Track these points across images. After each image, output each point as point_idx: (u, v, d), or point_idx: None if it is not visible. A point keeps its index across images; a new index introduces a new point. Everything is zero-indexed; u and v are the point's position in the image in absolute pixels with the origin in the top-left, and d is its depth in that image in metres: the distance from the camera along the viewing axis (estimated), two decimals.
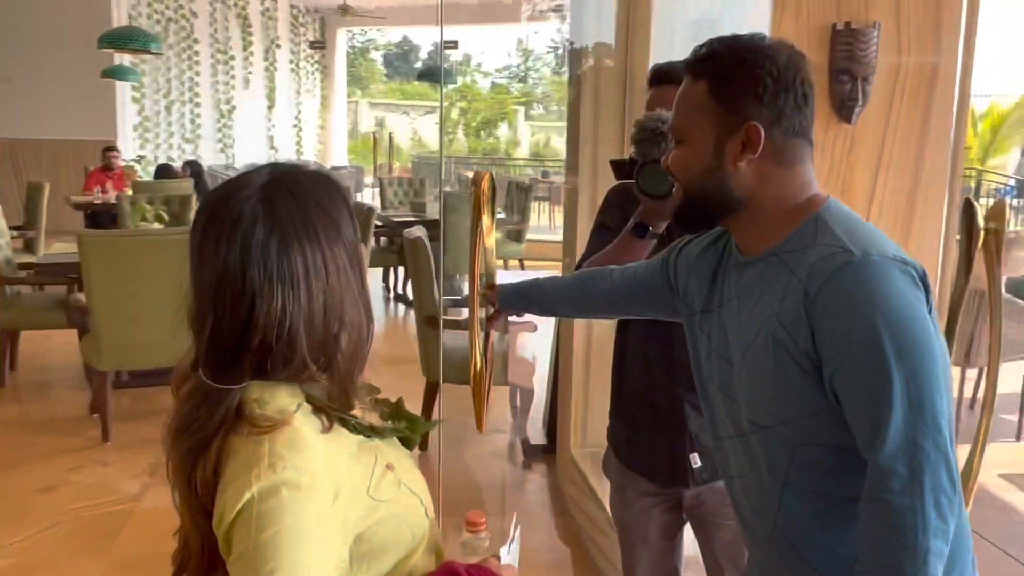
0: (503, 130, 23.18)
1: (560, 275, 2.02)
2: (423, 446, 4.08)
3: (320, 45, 13.52)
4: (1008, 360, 3.20)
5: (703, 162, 1.22)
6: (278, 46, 13.42)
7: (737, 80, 1.18)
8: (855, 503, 1.12)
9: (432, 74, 9.01)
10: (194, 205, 6.11)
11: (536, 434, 4.28)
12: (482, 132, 21.70)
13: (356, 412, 1.11)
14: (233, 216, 0.99)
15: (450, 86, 11.80)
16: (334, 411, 1.05)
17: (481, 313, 2.03)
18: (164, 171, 7.77)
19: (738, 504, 1.35)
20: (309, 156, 14.42)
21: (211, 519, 0.98)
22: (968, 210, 1.66)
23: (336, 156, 15.09)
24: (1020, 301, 4.45)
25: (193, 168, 8.19)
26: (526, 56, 29.89)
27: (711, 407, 1.36)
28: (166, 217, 5.26)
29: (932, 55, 3.45)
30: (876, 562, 1.08)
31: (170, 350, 4.50)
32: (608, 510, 3.01)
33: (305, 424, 1.01)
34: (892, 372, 1.06)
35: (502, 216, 7.93)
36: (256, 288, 0.98)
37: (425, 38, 34.60)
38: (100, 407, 4.19)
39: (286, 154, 13.89)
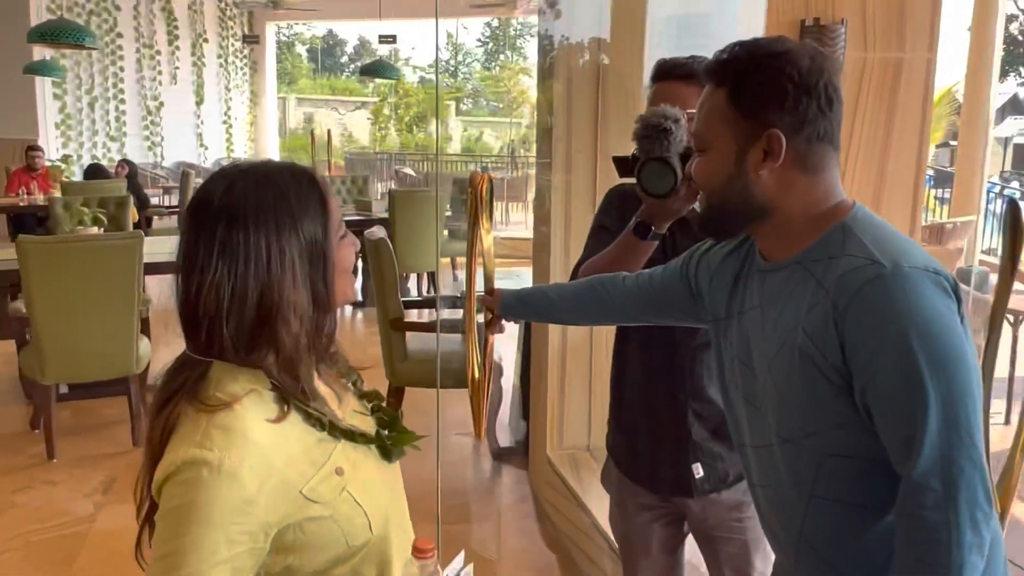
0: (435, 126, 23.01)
1: (564, 282, 1.97)
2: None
3: (254, 40, 13.15)
4: None
5: (725, 171, 1.19)
6: (205, 40, 13.00)
7: (757, 86, 1.15)
8: (882, 512, 1.13)
9: (375, 70, 8.80)
10: (131, 207, 5.85)
11: (502, 437, 4.21)
12: (415, 128, 21.44)
13: (338, 410, 1.16)
14: (200, 195, 1.10)
15: (394, 79, 11.51)
16: (299, 404, 1.09)
17: (479, 318, 1.97)
18: (95, 171, 7.43)
19: (762, 512, 1.34)
20: (240, 154, 14.04)
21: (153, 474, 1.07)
22: (1013, 211, 1.64)
23: (269, 154, 14.72)
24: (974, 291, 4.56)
25: (130, 167, 7.85)
26: (456, 51, 29.76)
27: (734, 414, 1.34)
28: (104, 220, 5.00)
29: (897, 51, 3.50)
30: (901, 567, 1.08)
31: (117, 360, 4.30)
32: (591, 514, 2.97)
33: (250, 411, 1.05)
34: (927, 387, 1.04)
35: (448, 214, 7.82)
36: (201, 261, 1.06)
37: (352, 32, 34.17)
38: (44, 423, 3.96)
39: (215, 152, 13.51)
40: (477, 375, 2.11)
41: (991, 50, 7.30)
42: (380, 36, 10.16)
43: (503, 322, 1.82)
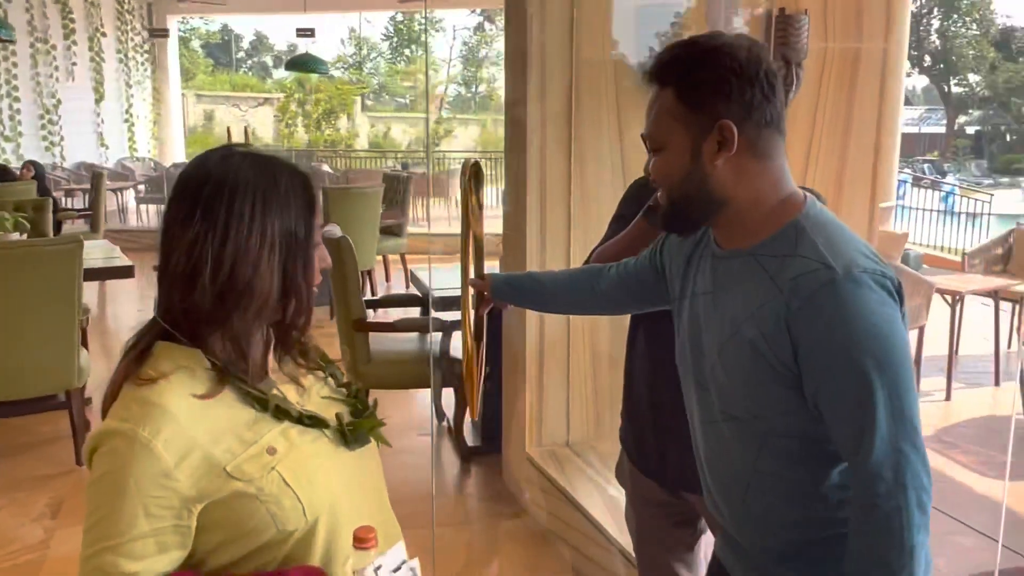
0: (344, 121, 22.57)
1: (557, 269, 1.94)
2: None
3: (162, 33, 12.58)
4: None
5: (683, 166, 1.23)
6: (103, 35, 12.39)
7: (703, 82, 1.21)
8: (819, 489, 1.22)
9: (303, 63, 8.52)
10: (49, 210, 5.51)
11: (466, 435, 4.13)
12: (322, 123, 20.96)
13: (299, 398, 1.17)
14: (192, 164, 1.12)
15: (323, 72, 11.20)
16: (238, 383, 1.09)
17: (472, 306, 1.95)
18: (1, 173, 6.96)
19: (708, 488, 1.39)
20: (144, 154, 13.45)
21: None
22: None
23: (174, 153, 14.15)
24: (911, 270, 4.73)
25: (37, 169, 7.39)
26: (360, 45, 29.32)
27: (686, 391, 1.40)
28: (28, 225, 4.67)
29: (855, 40, 3.58)
30: (867, 561, 1.15)
31: (58, 374, 4.06)
32: (584, 509, 2.94)
33: (175, 386, 1.05)
34: (875, 386, 1.12)
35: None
36: (183, 220, 1.07)
37: (248, 27, 33.22)
38: None
39: (117, 152, 12.91)
40: (471, 351, 2.09)
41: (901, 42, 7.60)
42: (298, 30, 9.86)
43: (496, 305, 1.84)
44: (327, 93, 20.63)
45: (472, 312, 1.96)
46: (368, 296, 6.79)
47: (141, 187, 11.86)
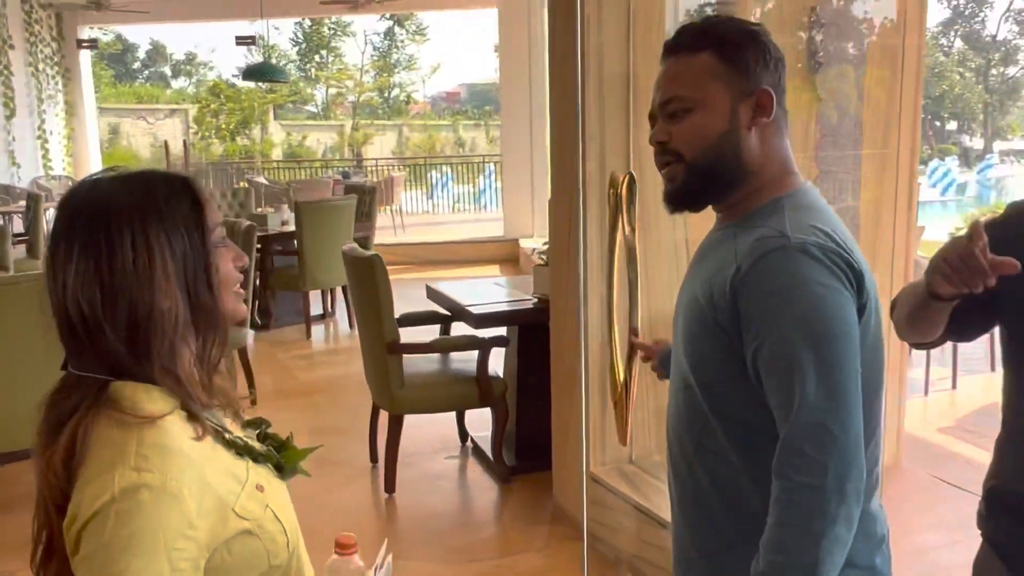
0: (257, 131, 21.90)
1: None
2: (390, 488, 3.67)
3: (91, 45, 11.88)
4: None
5: (719, 126, 1.22)
6: (11, 47, 11.64)
7: (748, 48, 1.24)
8: (757, 474, 1.18)
9: (262, 72, 8.14)
10: (8, 239, 5.08)
11: (488, 457, 3.95)
12: (236, 134, 20.31)
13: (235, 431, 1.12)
14: (65, 196, 1.04)
15: (283, 81, 10.75)
16: (211, 422, 1.05)
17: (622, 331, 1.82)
18: None
19: (667, 454, 1.38)
20: (59, 172, 12.71)
21: (60, 511, 0.97)
22: None
23: (91, 170, 13.40)
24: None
25: None
26: (268, 53, 28.54)
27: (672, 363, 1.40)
28: None
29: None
30: (773, 536, 1.11)
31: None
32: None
33: (176, 428, 1.00)
34: (804, 358, 1.10)
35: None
36: (64, 261, 0.99)
37: (143, 37, 31.95)
38: None
39: (30, 170, 12.15)
40: (621, 379, 1.97)
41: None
42: (237, 37, 9.43)
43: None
44: (243, 103, 19.97)
45: (618, 340, 1.81)
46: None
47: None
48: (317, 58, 30.05)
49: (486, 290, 4.26)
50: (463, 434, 4.24)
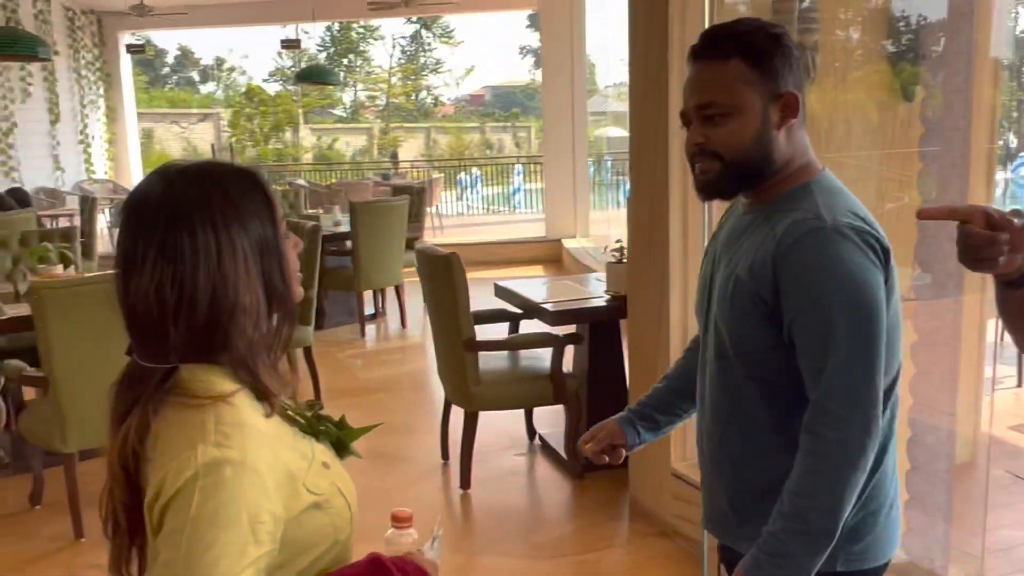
0: (289, 135, 22.05)
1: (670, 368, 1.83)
2: (465, 484, 3.69)
3: (138, 49, 12.04)
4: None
5: (754, 130, 1.34)
6: (56, 52, 11.80)
7: (775, 54, 1.35)
8: (783, 436, 1.34)
9: (314, 75, 8.21)
10: (77, 240, 5.17)
11: (557, 454, 3.97)
12: (271, 137, 20.49)
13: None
14: (136, 194, 1.05)
15: (334, 84, 10.83)
16: (283, 403, 1.09)
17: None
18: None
19: (699, 426, 1.52)
20: (100, 176, 12.88)
21: (134, 492, 1.02)
22: None
23: (132, 174, 13.59)
24: None
25: (19, 197, 6.97)
26: (298, 58, 28.74)
27: (702, 338, 1.51)
28: (71, 257, 4.35)
29: None
30: (801, 483, 1.29)
31: None
32: None
33: (248, 406, 1.02)
34: (838, 325, 1.25)
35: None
36: (141, 262, 1.01)
37: (171, 42, 32.26)
38: (69, 496, 3.37)
39: (73, 175, 12.32)
40: None
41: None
42: (282, 41, 9.51)
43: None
44: (276, 108, 20.15)
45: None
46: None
47: (106, 211, 11.33)
48: (345, 62, 30.20)
49: (555, 288, 4.28)
50: (531, 431, 4.27)
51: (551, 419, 4.33)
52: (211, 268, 1.01)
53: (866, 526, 1.37)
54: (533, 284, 4.68)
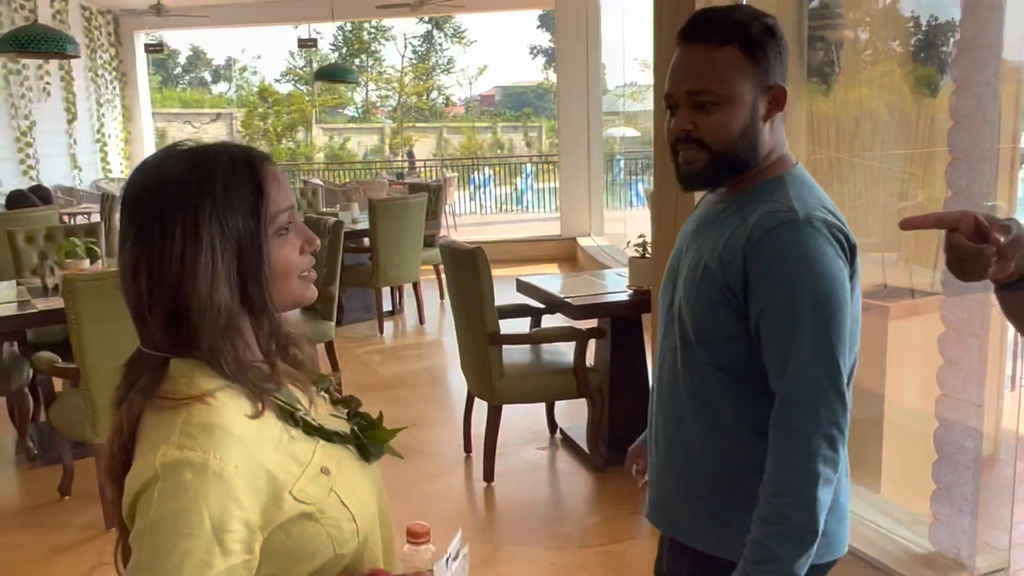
0: (301, 134, 22.13)
1: None
2: (489, 477, 3.72)
3: (157, 49, 12.12)
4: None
5: (742, 121, 1.33)
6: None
7: (769, 44, 1.33)
8: (744, 424, 1.36)
9: (334, 74, 8.27)
10: (102, 235, 5.22)
11: (579, 447, 4.00)
12: (284, 137, 20.57)
13: (312, 411, 1.08)
14: (132, 176, 1.01)
15: (352, 82, 10.89)
16: (279, 401, 1.02)
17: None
18: (19, 199, 6.59)
19: (652, 412, 1.53)
20: (116, 175, 12.97)
21: (118, 490, 0.97)
22: None
23: None
24: None
25: (42, 193, 7.04)
26: (310, 58, 28.85)
27: (660, 323, 1.51)
28: (98, 252, 4.40)
29: None
30: (775, 481, 1.28)
31: None
32: None
33: (228, 406, 0.96)
34: (805, 318, 1.26)
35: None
36: (122, 244, 0.99)
37: (183, 42, 32.40)
38: (100, 487, 3.42)
39: (89, 173, 12.41)
40: None
41: None
42: (299, 40, 9.57)
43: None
44: (289, 107, 20.23)
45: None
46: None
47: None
48: (357, 62, 30.32)
49: (575, 283, 4.31)
50: (552, 426, 4.30)
51: (572, 413, 4.37)
52: (177, 258, 0.96)
53: None
54: (554, 279, 4.72)
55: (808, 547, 1.27)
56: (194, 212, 0.96)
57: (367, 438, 1.12)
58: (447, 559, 1.13)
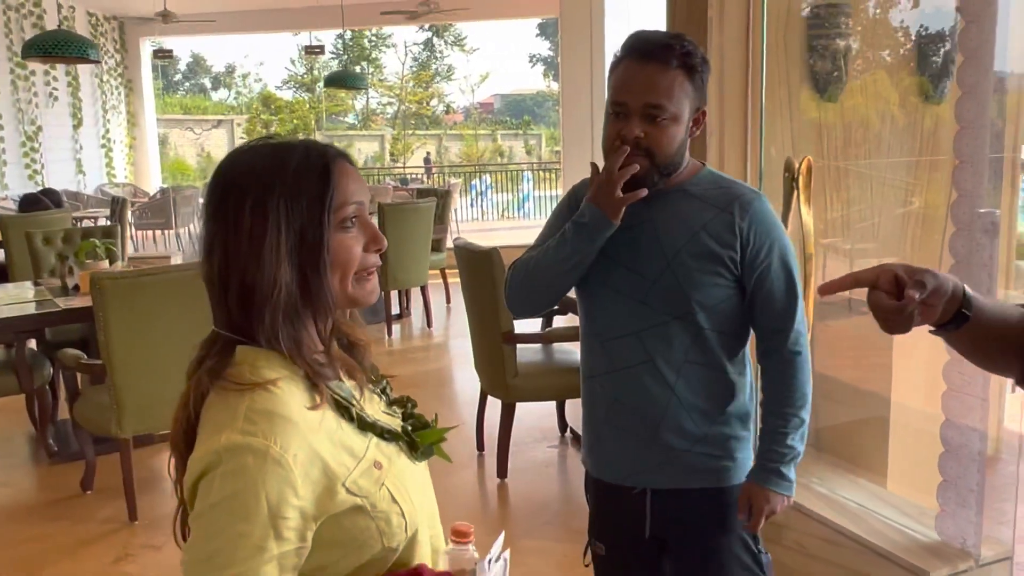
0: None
1: None
2: (502, 473, 3.81)
3: (167, 55, 12.22)
4: None
5: (681, 135, 1.59)
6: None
7: (704, 71, 1.58)
8: (726, 374, 1.67)
9: (342, 80, 8.37)
10: (118, 237, 5.31)
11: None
12: None
13: (367, 406, 1.11)
14: (222, 162, 1.06)
15: (361, 88, 10.97)
16: (331, 392, 1.04)
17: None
18: (34, 202, 6.67)
19: (632, 390, 1.68)
20: (121, 180, 13.06)
21: (182, 456, 1.01)
22: None
23: (152, 179, 13.77)
24: None
25: (53, 197, 7.13)
26: (311, 65, 28.99)
27: (608, 309, 1.68)
28: (118, 253, 4.50)
29: None
30: (795, 393, 1.67)
31: None
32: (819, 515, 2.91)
33: (290, 395, 0.99)
34: (792, 267, 1.66)
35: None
36: (205, 220, 1.04)
37: (184, 49, 32.54)
38: (124, 480, 3.50)
39: (94, 178, 12.50)
40: None
41: None
42: (306, 47, 9.68)
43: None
44: (295, 113, 20.32)
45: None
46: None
47: (127, 213, 11.48)
48: (358, 69, 30.49)
49: None
50: (563, 425, 4.38)
51: (581, 414, 4.44)
52: (245, 236, 1.00)
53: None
54: None
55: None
56: (263, 194, 1.00)
57: (417, 437, 1.15)
58: (489, 560, 1.15)
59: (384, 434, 1.09)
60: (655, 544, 1.78)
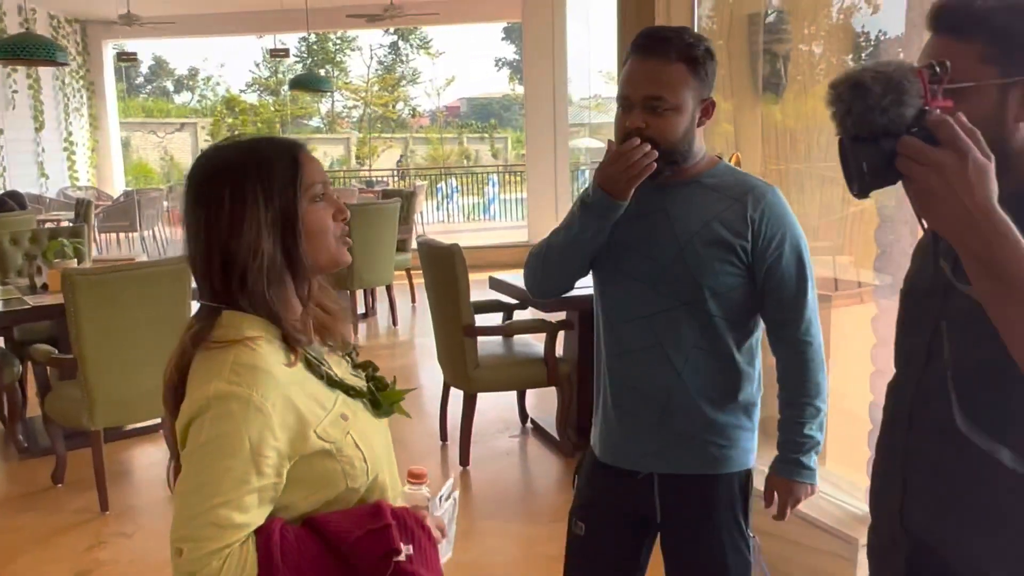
0: None
1: None
2: (464, 461, 3.95)
3: (131, 58, 12.17)
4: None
5: (685, 125, 1.64)
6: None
7: (708, 64, 1.64)
8: (734, 359, 1.72)
9: (307, 83, 8.44)
10: (85, 237, 5.36)
11: (548, 434, 4.24)
12: None
13: (336, 368, 1.28)
14: (198, 158, 1.24)
15: (326, 91, 10.99)
16: (305, 352, 1.21)
17: None
18: (0, 204, 6.69)
19: (639, 374, 1.75)
20: (84, 183, 12.98)
21: (174, 415, 1.17)
22: None
23: (116, 182, 13.70)
24: None
25: (18, 199, 7.14)
26: (276, 68, 28.88)
27: (620, 293, 1.75)
28: (84, 252, 4.57)
29: None
30: (807, 382, 1.74)
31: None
32: None
33: (268, 352, 1.16)
34: (806, 257, 1.72)
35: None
36: (186, 209, 1.20)
37: (147, 52, 32.23)
38: (95, 471, 3.59)
39: (57, 181, 12.42)
40: None
41: None
42: (271, 50, 9.75)
43: None
44: (259, 116, 20.27)
45: None
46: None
47: (94, 216, 11.43)
48: (323, 72, 30.44)
49: None
50: (523, 415, 4.54)
51: (541, 405, 4.61)
52: (226, 216, 1.16)
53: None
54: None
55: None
56: (241, 180, 1.18)
57: (380, 396, 1.32)
58: (440, 497, 1.36)
59: (350, 391, 1.25)
60: (640, 529, 1.84)
